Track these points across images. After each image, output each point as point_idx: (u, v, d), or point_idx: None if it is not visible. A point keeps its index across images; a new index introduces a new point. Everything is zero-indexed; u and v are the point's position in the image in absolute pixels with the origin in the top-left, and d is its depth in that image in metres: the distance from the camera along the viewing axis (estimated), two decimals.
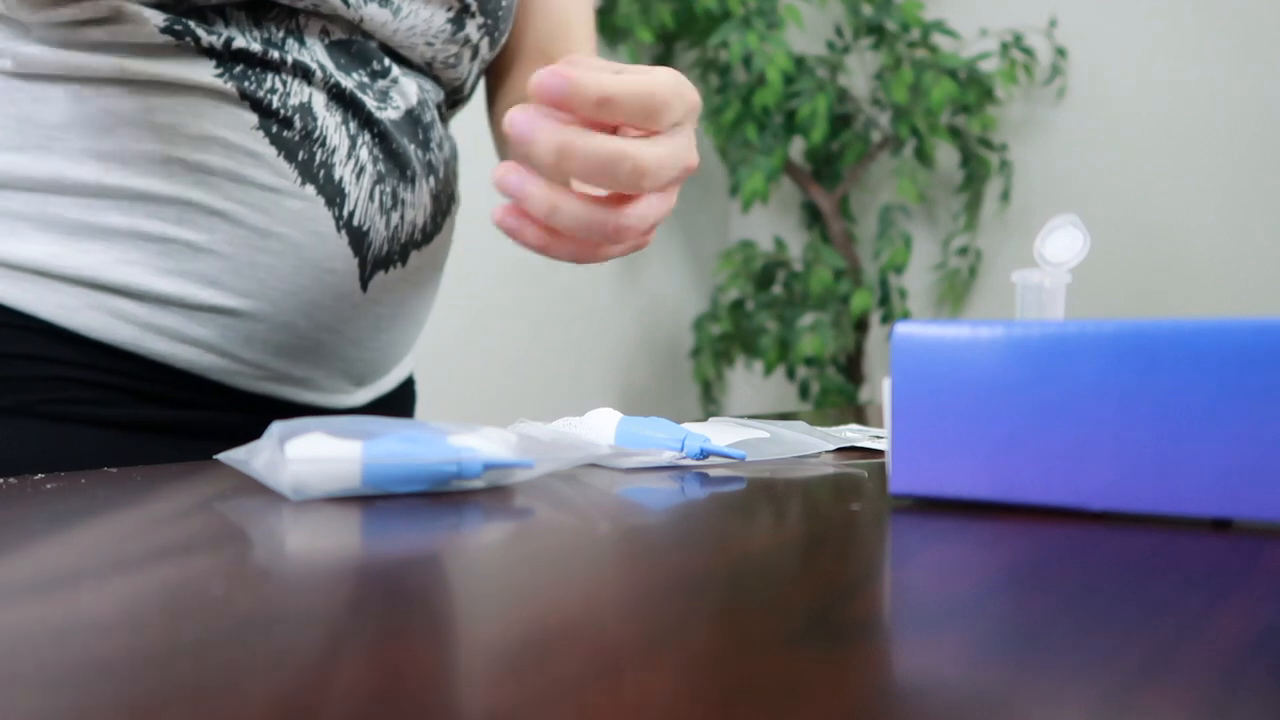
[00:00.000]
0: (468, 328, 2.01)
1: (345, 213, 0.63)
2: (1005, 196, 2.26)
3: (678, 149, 0.51)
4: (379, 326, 0.68)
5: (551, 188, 0.50)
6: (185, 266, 0.60)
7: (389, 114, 0.65)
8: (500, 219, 0.51)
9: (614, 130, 0.50)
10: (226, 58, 0.58)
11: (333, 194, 0.62)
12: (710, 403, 2.47)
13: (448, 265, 0.78)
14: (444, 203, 0.70)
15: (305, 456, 0.36)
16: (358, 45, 0.64)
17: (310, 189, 0.61)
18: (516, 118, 0.48)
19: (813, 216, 2.46)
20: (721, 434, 0.52)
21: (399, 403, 0.79)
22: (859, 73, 2.42)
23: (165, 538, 0.32)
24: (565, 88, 0.47)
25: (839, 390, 2.25)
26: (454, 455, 0.38)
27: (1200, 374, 0.32)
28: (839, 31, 2.35)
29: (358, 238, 0.64)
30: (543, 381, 2.19)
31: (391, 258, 0.66)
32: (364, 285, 0.65)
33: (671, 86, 0.50)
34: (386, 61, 0.65)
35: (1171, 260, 2.13)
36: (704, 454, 0.46)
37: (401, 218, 0.66)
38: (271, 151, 0.60)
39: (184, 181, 0.59)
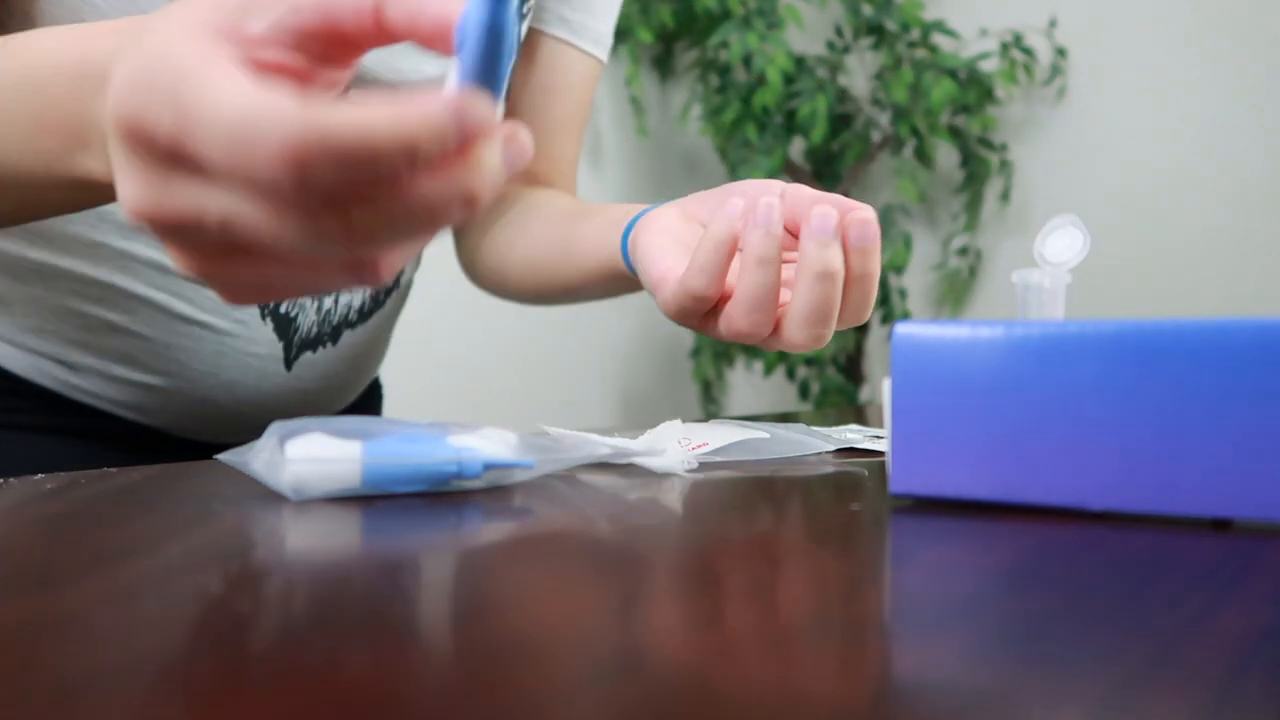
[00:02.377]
0: (467, 328, 2.00)
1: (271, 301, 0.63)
2: (1005, 196, 2.26)
3: None
4: (305, 400, 0.67)
5: None
6: (103, 342, 0.61)
7: None
8: None
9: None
10: None
11: None
12: (710, 403, 2.47)
13: (448, 267, 0.77)
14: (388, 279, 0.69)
15: (305, 456, 0.36)
16: None
17: None
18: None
19: None
20: (721, 434, 0.52)
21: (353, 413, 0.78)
22: (859, 73, 2.42)
23: (165, 537, 0.32)
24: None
25: (839, 390, 2.25)
26: (454, 455, 0.38)
27: (1200, 374, 0.32)
28: (839, 31, 2.34)
29: (283, 324, 0.64)
30: (543, 382, 2.19)
31: (321, 339, 0.66)
32: (289, 365, 0.65)
33: None
34: None
35: (1171, 260, 2.13)
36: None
37: (335, 301, 0.65)
38: None
39: (109, 266, 0.59)
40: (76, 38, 0.37)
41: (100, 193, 0.41)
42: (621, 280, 0.63)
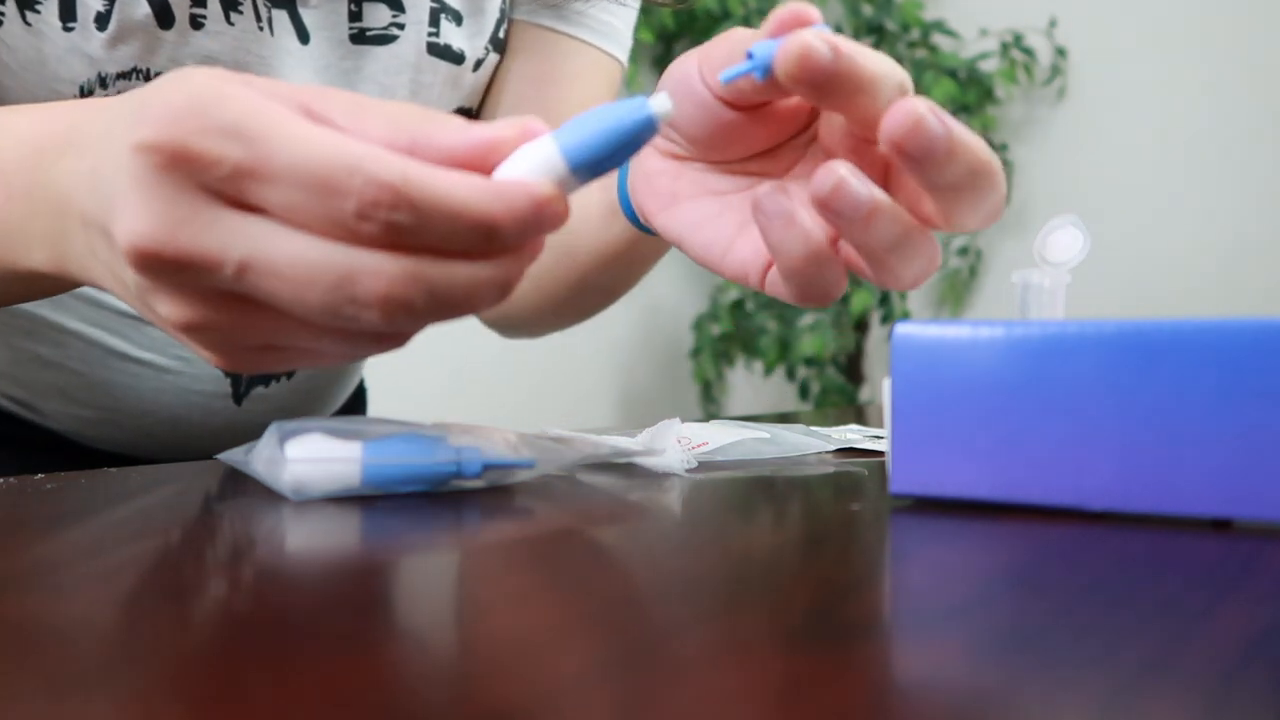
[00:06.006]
0: (466, 327, 2.00)
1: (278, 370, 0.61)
2: (1005, 197, 2.26)
3: None
4: (258, 432, 0.66)
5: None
6: (33, 376, 0.59)
7: None
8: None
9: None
10: None
11: None
12: (710, 403, 2.47)
13: None
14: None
15: (305, 456, 0.36)
16: None
17: None
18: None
19: None
20: (721, 434, 0.52)
21: None
22: None
23: (165, 538, 0.32)
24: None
25: (839, 390, 2.25)
26: (454, 455, 0.38)
27: (1200, 374, 0.32)
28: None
29: None
30: (542, 382, 2.19)
31: (275, 373, 0.63)
32: (239, 400, 0.63)
33: None
34: None
35: (1171, 260, 2.13)
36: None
37: None
38: None
39: (38, 300, 0.56)
40: (43, 115, 0.35)
41: (33, 284, 0.39)
42: (635, 249, 0.52)
